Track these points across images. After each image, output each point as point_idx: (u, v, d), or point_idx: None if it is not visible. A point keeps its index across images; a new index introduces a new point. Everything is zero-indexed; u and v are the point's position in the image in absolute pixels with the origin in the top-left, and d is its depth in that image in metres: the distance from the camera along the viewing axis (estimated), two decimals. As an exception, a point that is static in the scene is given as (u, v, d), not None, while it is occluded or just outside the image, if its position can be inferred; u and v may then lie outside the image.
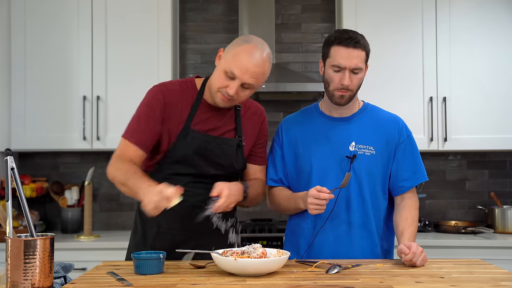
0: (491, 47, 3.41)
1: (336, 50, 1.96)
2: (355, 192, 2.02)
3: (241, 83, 1.86)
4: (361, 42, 1.96)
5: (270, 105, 3.76)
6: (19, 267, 1.41)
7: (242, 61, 1.85)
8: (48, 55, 3.38)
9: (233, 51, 1.88)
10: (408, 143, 2.08)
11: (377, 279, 1.62)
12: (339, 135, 2.05)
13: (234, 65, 1.85)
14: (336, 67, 1.96)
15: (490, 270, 1.76)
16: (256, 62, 1.86)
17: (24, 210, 1.50)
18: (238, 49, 1.88)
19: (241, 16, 3.57)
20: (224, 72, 1.87)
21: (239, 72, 1.85)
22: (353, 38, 1.94)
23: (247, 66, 1.85)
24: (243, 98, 1.94)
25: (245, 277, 1.63)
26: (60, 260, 1.80)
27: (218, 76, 1.90)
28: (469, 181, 3.76)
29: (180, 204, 1.88)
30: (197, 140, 1.95)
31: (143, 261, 1.67)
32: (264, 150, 2.16)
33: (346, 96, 1.99)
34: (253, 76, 1.86)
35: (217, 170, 2.00)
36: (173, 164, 1.98)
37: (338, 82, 1.97)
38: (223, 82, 1.88)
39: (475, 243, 3.14)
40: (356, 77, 1.97)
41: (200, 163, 1.97)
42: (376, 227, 2.05)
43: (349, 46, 1.94)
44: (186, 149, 1.95)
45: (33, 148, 3.41)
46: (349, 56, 1.94)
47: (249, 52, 1.86)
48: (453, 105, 3.38)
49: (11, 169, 1.47)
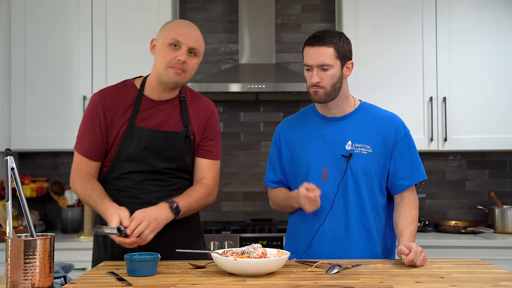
0: (491, 47, 3.40)
1: (305, 51, 2.03)
2: (352, 191, 2.02)
3: (187, 48, 1.93)
4: (326, 40, 1.98)
5: (270, 105, 3.76)
6: (19, 267, 1.41)
7: (179, 28, 1.95)
8: (48, 55, 3.39)
9: (165, 30, 1.97)
10: (406, 141, 2.07)
11: (377, 279, 1.62)
12: (335, 134, 2.06)
13: (173, 33, 1.93)
14: (306, 66, 2.03)
15: (490, 270, 1.76)
16: (190, 26, 1.98)
17: (24, 210, 1.49)
18: (168, 26, 1.98)
19: (241, 16, 3.57)
20: (167, 46, 1.93)
21: (181, 37, 1.92)
22: (317, 36, 1.99)
23: (186, 30, 1.95)
24: (192, 68, 1.97)
25: (245, 277, 1.63)
26: (60, 260, 1.80)
27: (162, 54, 1.94)
28: (469, 181, 3.75)
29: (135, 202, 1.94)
30: (144, 136, 1.97)
31: (138, 263, 1.64)
32: (214, 144, 2.10)
33: (319, 92, 2.01)
34: (195, 39, 1.96)
35: (169, 164, 2.01)
36: (125, 162, 2.00)
37: (309, 81, 2.02)
38: (169, 55, 1.92)
39: (475, 243, 3.14)
40: (326, 74, 1.99)
41: (150, 158, 1.99)
42: (376, 225, 2.05)
43: (314, 45, 1.99)
44: (134, 146, 1.97)
45: (33, 148, 3.41)
46: (314, 54, 1.99)
47: (179, 23, 1.99)
48: (453, 105, 3.38)
49: (11, 169, 1.47)
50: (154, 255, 1.69)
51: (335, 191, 2.02)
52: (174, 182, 2.03)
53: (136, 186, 2.00)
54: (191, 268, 1.77)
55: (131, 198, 1.98)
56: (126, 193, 2.00)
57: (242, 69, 3.50)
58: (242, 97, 3.61)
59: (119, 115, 1.98)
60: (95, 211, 1.97)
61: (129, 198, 1.98)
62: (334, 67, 1.99)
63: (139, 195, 1.99)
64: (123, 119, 1.98)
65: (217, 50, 3.79)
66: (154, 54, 2.00)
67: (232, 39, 3.78)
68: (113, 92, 2.03)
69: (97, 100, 2.00)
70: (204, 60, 3.75)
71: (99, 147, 1.99)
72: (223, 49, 3.79)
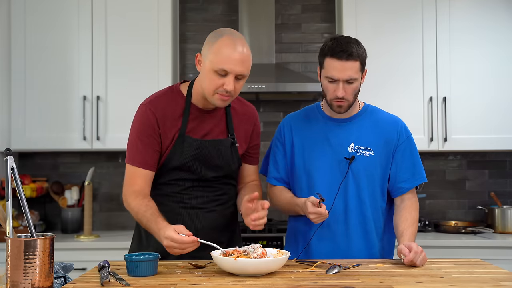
0: (491, 47, 3.40)
1: (330, 62, 1.96)
2: (352, 193, 2.03)
3: (235, 75, 1.85)
4: (354, 54, 1.94)
5: (270, 105, 3.76)
6: (19, 267, 1.41)
7: (227, 54, 1.83)
8: (48, 55, 3.38)
9: (212, 49, 1.86)
10: (408, 144, 2.08)
11: (377, 279, 1.62)
12: (338, 136, 2.07)
13: (221, 61, 1.83)
14: (330, 78, 1.98)
15: (490, 270, 1.76)
16: (240, 49, 1.85)
17: (24, 210, 1.49)
18: (217, 45, 1.85)
19: (241, 16, 3.57)
20: (214, 72, 1.85)
21: (229, 66, 1.83)
22: (345, 50, 1.93)
23: (234, 56, 1.83)
24: (238, 90, 1.92)
25: (245, 277, 1.63)
26: (60, 260, 1.79)
27: (208, 78, 1.87)
28: (469, 181, 3.75)
29: (182, 207, 1.96)
30: (194, 146, 1.96)
31: (138, 263, 1.65)
32: (258, 150, 2.16)
33: (343, 105, 2.01)
34: (243, 64, 1.85)
35: (216, 172, 2.02)
36: (172, 170, 1.99)
37: (333, 93, 1.99)
38: (216, 83, 1.85)
39: (475, 243, 3.14)
40: (350, 87, 1.98)
41: (198, 168, 1.98)
42: (375, 228, 2.06)
43: (341, 59, 1.94)
44: (184, 156, 1.96)
45: (33, 148, 3.40)
46: (342, 68, 1.94)
47: (229, 44, 1.84)
48: (453, 105, 3.38)
49: (11, 169, 1.46)
50: (154, 255, 1.69)
51: (335, 193, 2.02)
52: (220, 187, 2.05)
53: (183, 191, 2.00)
54: (191, 268, 1.77)
55: (178, 203, 2.01)
56: (173, 198, 2.01)
57: (242, 69, 3.48)
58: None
59: (170, 125, 1.95)
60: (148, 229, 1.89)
61: (176, 203, 2.01)
62: (358, 79, 1.99)
63: (186, 200, 2.01)
64: (175, 129, 1.95)
65: (217, 50, 3.77)
66: (199, 70, 1.93)
67: (232, 39, 3.77)
68: (162, 101, 1.98)
69: (149, 111, 1.95)
70: None
71: (154, 156, 1.95)
72: (223, 49, 3.78)
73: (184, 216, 1.99)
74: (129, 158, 1.97)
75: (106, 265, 1.67)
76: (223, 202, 2.06)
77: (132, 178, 1.96)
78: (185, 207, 2.00)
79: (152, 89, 3.26)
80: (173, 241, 1.72)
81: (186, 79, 2.07)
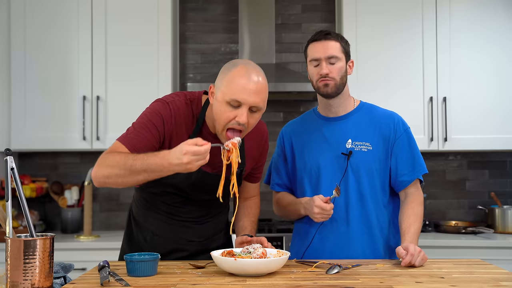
0: (491, 47, 3.40)
1: (312, 47, 2.05)
2: (353, 189, 2.04)
3: (248, 107, 1.72)
4: (333, 34, 2.04)
5: (270, 105, 3.68)
6: (19, 267, 1.40)
7: (241, 84, 1.70)
8: (48, 55, 3.38)
9: (226, 80, 1.73)
10: (406, 137, 2.08)
11: (377, 279, 1.62)
12: (335, 134, 2.09)
13: (235, 92, 1.70)
14: (314, 61, 2.03)
15: (490, 270, 1.76)
16: (255, 79, 1.72)
17: (24, 210, 1.49)
18: (230, 75, 1.73)
19: (241, 16, 3.57)
20: (226, 103, 1.71)
21: (242, 96, 1.69)
22: (323, 31, 2.04)
23: (249, 87, 1.70)
24: (252, 125, 1.77)
25: (245, 277, 1.62)
26: (60, 260, 1.79)
27: (220, 111, 1.73)
28: (469, 181, 3.75)
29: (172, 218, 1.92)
30: (194, 175, 1.83)
31: (138, 263, 1.63)
32: (262, 169, 2.11)
33: (330, 84, 2.03)
34: (258, 94, 1.72)
35: (212, 196, 1.85)
36: (166, 185, 1.88)
37: (317, 74, 2.03)
38: (228, 115, 1.71)
39: (475, 243, 3.14)
40: (334, 67, 2.02)
41: (195, 191, 1.90)
42: (378, 223, 2.06)
43: (320, 39, 2.03)
44: (181, 180, 1.84)
45: (33, 148, 3.40)
46: (323, 47, 2.01)
47: (243, 74, 1.72)
48: (453, 105, 3.38)
49: (11, 169, 1.46)
50: (154, 255, 1.68)
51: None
52: (215, 205, 1.97)
53: (175, 204, 1.94)
54: (191, 268, 1.77)
55: (170, 214, 1.95)
56: (164, 207, 1.95)
57: (242, 69, 3.47)
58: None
59: (176, 137, 1.81)
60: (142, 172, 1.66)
61: (167, 214, 1.95)
62: (341, 60, 2.03)
63: (178, 213, 1.94)
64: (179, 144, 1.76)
65: (217, 50, 3.78)
66: (212, 102, 1.79)
67: (232, 39, 3.78)
68: (178, 109, 1.83)
69: (168, 110, 1.81)
70: (204, 60, 3.78)
71: (149, 149, 1.77)
72: (223, 49, 3.79)
73: (176, 226, 1.95)
74: (122, 137, 1.79)
75: (106, 265, 1.65)
76: (216, 213, 2.02)
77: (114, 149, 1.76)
78: (177, 219, 1.95)
79: (152, 89, 3.36)
80: (193, 153, 1.57)
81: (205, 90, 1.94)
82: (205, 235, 1.99)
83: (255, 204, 2.12)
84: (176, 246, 1.96)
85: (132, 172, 1.66)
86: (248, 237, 1.90)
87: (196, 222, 1.97)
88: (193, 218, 1.96)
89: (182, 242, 1.97)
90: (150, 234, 1.98)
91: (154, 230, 1.97)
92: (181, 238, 1.97)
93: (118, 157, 1.69)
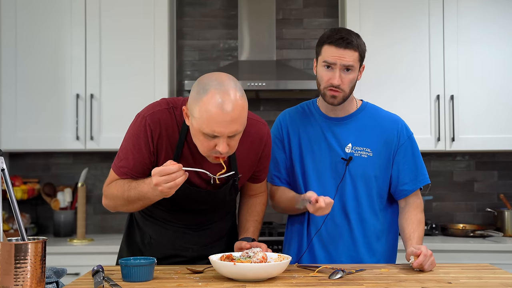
0: (501, 44, 3.37)
1: (327, 48, 1.94)
2: (350, 195, 2.02)
3: (227, 136, 1.65)
4: (354, 43, 1.93)
5: (271, 103, 3.72)
6: (9, 272, 1.38)
7: (214, 116, 1.60)
8: (39, 51, 3.34)
9: (198, 109, 1.63)
10: (409, 145, 2.06)
11: (382, 284, 1.60)
12: (335, 136, 2.05)
13: (209, 124, 1.62)
14: (327, 63, 1.94)
15: (499, 275, 1.74)
16: (229, 108, 1.61)
17: (15, 212, 1.46)
18: (202, 104, 1.62)
19: (240, 11, 3.53)
20: (204, 134, 1.65)
21: (219, 130, 1.62)
22: (345, 38, 1.92)
23: (224, 119, 1.61)
24: (235, 146, 1.71)
25: (245, 282, 1.61)
26: (52, 264, 1.79)
27: (199, 140, 1.68)
28: (477, 183, 3.71)
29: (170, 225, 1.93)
30: (185, 190, 1.78)
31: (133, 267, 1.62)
32: (267, 170, 2.04)
33: (338, 96, 1.96)
34: (235, 123, 1.63)
35: (207, 206, 1.92)
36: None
37: (328, 81, 1.94)
38: (208, 144, 1.67)
39: (483, 247, 3.11)
40: (347, 76, 1.94)
41: (189, 203, 1.89)
42: (374, 230, 2.04)
43: (340, 46, 1.92)
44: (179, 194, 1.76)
45: (24, 148, 3.37)
46: (341, 55, 1.92)
47: (215, 103, 1.60)
48: (461, 103, 3.34)
49: (1, 170, 1.43)
50: (150, 259, 1.66)
51: (333, 194, 2.00)
52: (213, 214, 1.98)
53: (172, 213, 1.93)
54: (189, 273, 1.75)
55: (167, 221, 1.95)
56: (161, 216, 1.95)
57: (242, 66, 3.46)
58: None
59: (163, 148, 1.79)
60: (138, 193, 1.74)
61: (164, 221, 1.95)
62: (355, 70, 1.97)
63: (175, 221, 1.95)
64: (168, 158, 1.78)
65: (215, 46, 3.73)
66: (188, 124, 1.73)
67: (231, 35, 3.73)
68: (158, 119, 1.78)
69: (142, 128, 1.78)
70: (202, 56, 3.74)
71: (141, 170, 1.79)
72: (222, 46, 3.74)
73: (171, 231, 1.95)
74: (115, 166, 1.84)
75: (100, 270, 1.67)
76: (218, 219, 2.01)
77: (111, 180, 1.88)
78: (172, 225, 1.96)
79: (148, 87, 3.33)
80: (159, 174, 1.59)
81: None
82: (202, 242, 1.98)
83: (261, 201, 2.07)
84: (173, 252, 1.97)
85: (130, 202, 1.79)
86: (247, 243, 1.87)
87: (193, 229, 1.96)
88: (190, 225, 1.96)
89: (179, 248, 1.96)
90: (148, 237, 1.99)
91: (151, 234, 1.99)
92: (178, 244, 1.97)
93: (115, 190, 1.81)
